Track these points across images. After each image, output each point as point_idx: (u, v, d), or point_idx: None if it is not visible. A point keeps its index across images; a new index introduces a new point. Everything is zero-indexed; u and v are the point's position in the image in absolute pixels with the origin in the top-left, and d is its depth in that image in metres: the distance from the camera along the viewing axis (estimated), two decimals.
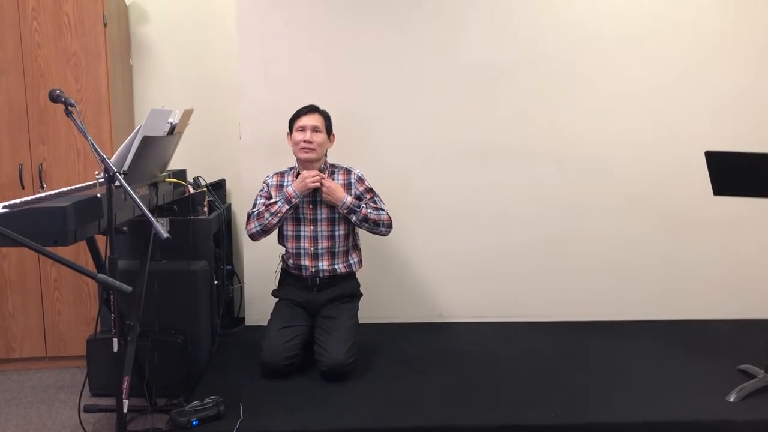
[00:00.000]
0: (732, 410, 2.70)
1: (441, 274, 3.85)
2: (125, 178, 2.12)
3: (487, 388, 2.92)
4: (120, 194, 2.24)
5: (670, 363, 3.21)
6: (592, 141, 3.78)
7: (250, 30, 3.65)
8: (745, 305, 3.80)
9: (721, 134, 3.73)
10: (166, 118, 2.68)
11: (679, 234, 3.85)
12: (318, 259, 3.15)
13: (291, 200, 3.08)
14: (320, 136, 3.12)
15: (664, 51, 3.73)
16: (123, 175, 2.12)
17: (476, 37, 3.70)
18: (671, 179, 3.80)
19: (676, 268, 3.87)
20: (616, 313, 3.87)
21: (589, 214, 3.83)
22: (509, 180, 3.80)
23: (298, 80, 3.66)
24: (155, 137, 2.54)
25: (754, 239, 3.69)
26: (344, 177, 3.21)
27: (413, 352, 3.36)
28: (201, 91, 3.82)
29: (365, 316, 3.37)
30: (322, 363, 2.98)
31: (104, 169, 2.10)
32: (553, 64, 3.73)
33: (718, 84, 3.76)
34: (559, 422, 2.61)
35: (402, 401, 2.79)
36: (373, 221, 3.12)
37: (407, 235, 3.77)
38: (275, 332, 3.06)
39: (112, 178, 2.09)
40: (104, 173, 2.11)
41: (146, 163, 2.53)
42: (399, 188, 3.70)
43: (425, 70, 3.71)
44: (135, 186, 2.35)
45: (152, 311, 2.82)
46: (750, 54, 3.75)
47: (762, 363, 2.90)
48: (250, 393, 2.84)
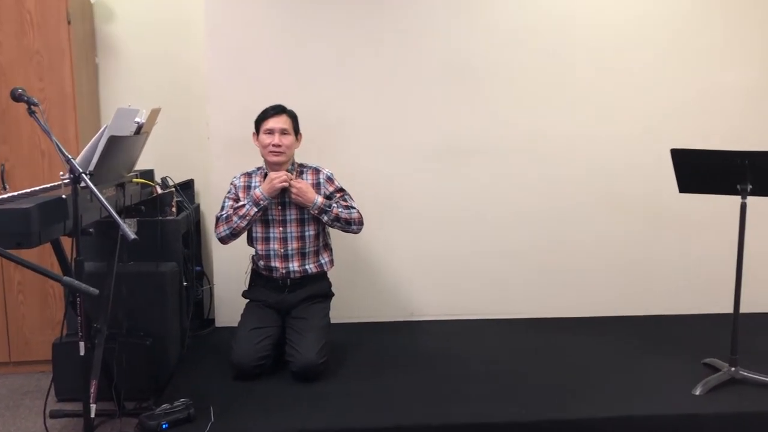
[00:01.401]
0: (698, 403, 2.76)
1: (412, 273, 3.86)
2: (91, 179, 2.08)
3: (459, 386, 2.93)
4: (86, 195, 2.20)
5: (638, 358, 3.26)
6: (564, 140, 3.82)
7: (218, 29, 3.61)
8: (710, 300, 3.87)
9: (695, 132, 3.79)
10: (132, 118, 2.65)
11: (647, 232, 3.92)
12: (288, 260, 3.14)
13: (259, 203, 3.05)
14: (289, 139, 3.09)
15: (639, 50, 3.79)
16: (89, 175, 2.09)
17: (448, 36, 3.71)
18: (642, 178, 3.86)
19: (643, 265, 3.94)
20: (586, 309, 3.92)
21: (561, 212, 3.87)
22: (481, 179, 3.82)
23: (268, 79, 3.64)
24: (122, 137, 2.51)
25: (719, 236, 3.76)
26: (313, 176, 3.19)
27: (385, 352, 3.36)
28: (168, 90, 3.78)
29: (337, 315, 3.36)
30: (293, 363, 2.96)
31: (69, 170, 2.07)
32: (527, 63, 3.76)
33: (693, 82, 3.83)
34: (530, 419, 2.63)
35: (374, 401, 2.78)
36: (344, 220, 3.12)
37: (379, 234, 3.77)
38: (246, 333, 3.03)
39: (78, 178, 2.06)
40: (69, 174, 2.08)
41: (113, 163, 2.50)
42: (370, 188, 3.70)
43: (396, 70, 3.71)
44: (101, 187, 2.32)
45: (120, 313, 2.79)
46: (725, 51, 3.83)
47: (726, 356, 2.96)
48: (220, 395, 2.82)
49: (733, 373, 2.91)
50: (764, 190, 2.83)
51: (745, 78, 3.85)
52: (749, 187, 2.80)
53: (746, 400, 2.76)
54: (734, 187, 2.84)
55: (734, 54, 3.84)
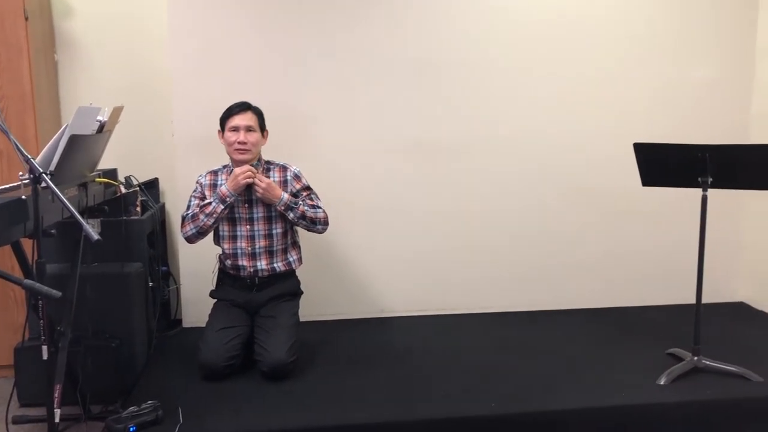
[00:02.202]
0: (662, 393, 2.81)
1: (381, 270, 3.86)
2: (52, 179, 2.04)
3: (430, 382, 2.94)
4: (47, 195, 2.16)
5: (604, 350, 3.31)
6: (528, 135, 3.85)
7: (182, 24, 3.56)
8: (673, 291, 3.95)
9: (657, 127, 3.85)
10: (94, 116, 2.60)
11: (611, 225, 3.98)
12: (256, 258, 3.11)
13: (225, 200, 3.02)
14: (254, 136, 3.07)
15: (597, 45, 3.84)
16: (49, 175, 2.04)
17: (414, 32, 3.71)
18: (605, 172, 3.91)
19: (608, 258, 4.00)
20: (552, 303, 3.97)
21: (528, 208, 3.91)
22: (447, 175, 3.83)
23: (232, 76, 3.60)
24: (83, 136, 2.47)
25: (681, 228, 3.84)
26: (280, 174, 3.17)
27: (355, 349, 3.36)
28: (131, 87, 3.71)
29: (306, 314, 3.35)
30: (262, 363, 2.94)
31: (29, 170, 2.03)
32: (491, 59, 3.77)
33: (650, 77, 3.89)
34: (500, 412, 2.65)
35: (345, 398, 2.78)
36: (310, 219, 3.10)
37: (347, 231, 3.76)
38: (214, 333, 3.00)
39: (38, 178, 2.02)
40: (29, 174, 2.03)
41: (74, 162, 2.45)
42: (338, 185, 3.69)
43: (365, 67, 3.70)
44: (63, 187, 2.27)
45: (85, 316, 2.74)
46: (679, 47, 3.90)
47: (689, 346, 3.03)
48: (189, 396, 2.78)
49: (696, 363, 2.97)
50: (724, 183, 2.90)
51: (704, 74, 3.93)
52: (710, 180, 2.87)
53: (709, 389, 2.83)
54: (695, 179, 2.90)
55: (693, 51, 3.92)
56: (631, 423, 2.71)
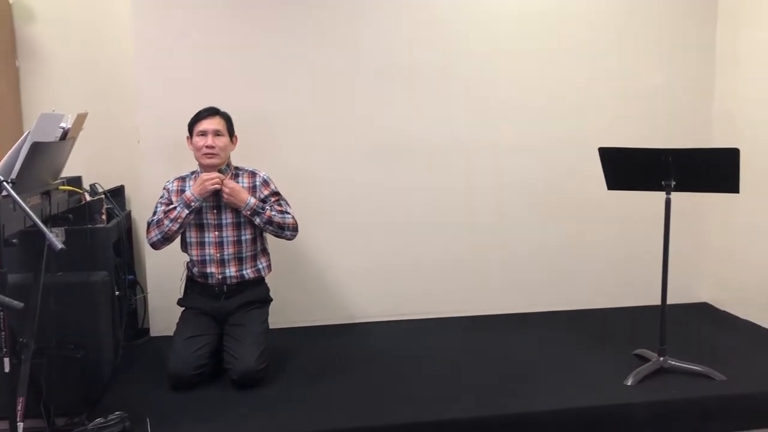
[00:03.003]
0: (630, 393, 2.85)
1: (352, 276, 3.86)
2: (14, 187, 2.01)
3: (400, 387, 2.94)
4: (8, 204, 2.11)
5: (572, 352, 3.36)
6: (496, 143, 3.89)
7: (146, 29, 3.52)
8: (639, 293, 4.01)
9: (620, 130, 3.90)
10: (57, 123, 2.55)
11: (578, 228, 4.04)
12: (225, 265, 3.08)
13: (190, 204, 2.99)
14: (222, 140, 3.05)
15: (563, 54, 3.90)
16: (11, 183, 2.01)
17: (379, 37, 3.72)
18: (571, 176, 3.97)
19: (574, 261, 4.05)
20: (520, 306, 4.01)
21: (496, 212, 3.94)
22: (417, 181, 3.85)
23: (199, 81, 3.57)
24: (46, 143, 2.42)
25: (645, 231, 3.90)
26: (249, 180, 3.15)
27: (326, 355, 3.35)
28: (95, 93, 3.66)
29: (276, 321, 3.33)
30: (232, 371, 2.91)
31: None
32: (464, 66, 3.81)
33: (615, 83, 3.97)
34: (471, 415, 2.67)
35: (316, 405, 2.77)
36: (277, 224, 3.07)
37: (316, 236, 3.75)
38: (182, 342, 2.97)
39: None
40: None
41: (37, 170, 2.40)
42: (306, 190, 3.68)
43: (328, 71, 3.70)
44: (25, 195, 2.23)
45: (49, 326, 2.68)
46: (643, 55, 3.98)
47: (655, 347, 3.08)
48: (157, 406, 2.74)
49: (662, 363, 3.02)
50: (687, 186, 2.96)
51: (667, 80, 4.01)
52: (673, 183, 2.92)
53: (675, 388, 2.88)
54: (659, 183, 2.95)
55: (657, 58, 4.00)
56: (600, 424, 2.74)
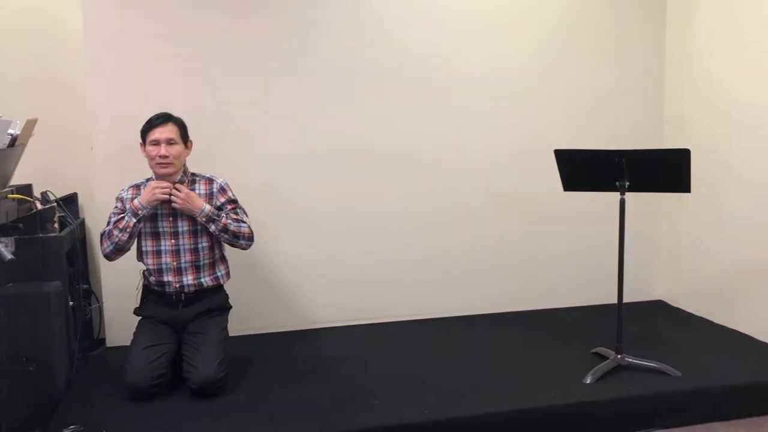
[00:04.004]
0: (588, 391, 2.90)
1: (310, 281, 3.84)
2: None
3: (363, 392, 2.93)
4: None
5: (531, 352, 3.39)
6: (453, 143, 3.91)
7: (98, 32, 3.44)
8: (596, 292, 4.08)
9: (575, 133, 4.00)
10: (5, 129, 2.50)
11: (536, 230, 4.09)
12: (182, 273, 3.04)
13: (138, 213, 2.93)
14: (176, 149, 2.98)
15: (517, 56, 3.95)
16: None
17: (338, 40, 3.72)
18: (528, 178, 4.02)
19: (532, 262, 4.11)
20: (481, 306, 4.04)
21: (454, 214, 3.97)
22: (374, 183, 3.85)
23: (154, 86, 3.51)
24: None
25: (601, 232, 3.97)
26: (206, 187, 3.10)
27: (287, 362, 3.32)
28: (46, 99, 3.57)
29: (236, 328, 3.29)
30: (191, 380, 2.87)
31: None
32: (415, 67, 3.82)
33: (569, 86, 4.03)
34: (433, 419, 2.67)
35: (279, 412, 2.74)
36: (232, 233, 3.03)
37: (275, 243, 3.73)
38: (139, 352, 2.91)
39: None
40: None
41: None
42: (264, 195, 3.66)
43: (287, 75, 3.67)
44: None
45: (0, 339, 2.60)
46: (596, 59, 4.06)
47: (613, 345, 3.13)
48: (115, 418, 2.69)
49: (620, 360, 3.08)
50: (641, 186, 3.02)
51: (620, 83, 4.10)
52: (627, 184, 2.98)
53: (632, 385, 2.93)
54: (613, 184, 3.01)
55: (609, 62, 4.08)
56: (560, 422, 2.78)
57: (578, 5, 4.00)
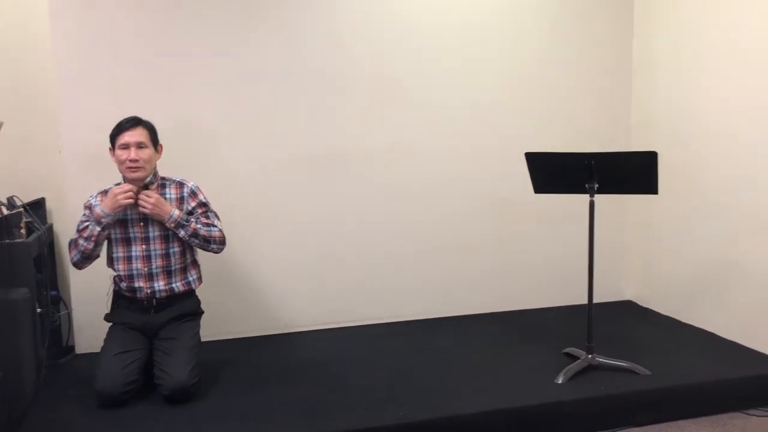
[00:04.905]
0: (560, 391, 2.93)
1: (284, 285, 3.82)
2: None
3: (337, 395, 2.93)
4: None
5: (503, 352, 3.42)
6: (428, 147, 3.93)
7: (66, 35, 3.40)
8: (567, 293, 4.13)
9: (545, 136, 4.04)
10: None
11: (508, 231, 4.13)
12: (153, 279, 3.00)
13: (101, 221, 2.88)
14: (146, 152, 2.94)
15: (490, 61, 3.98)
16: None
17: (313, 44, 3.71)
18: (500, 181, 4.05)
19: (503, 263, 4.14)
20: (454, 308, 4.06)
21: (429, 216, 3.99)
22: (350, 187, 3.85)
23: (124, 88, 3.47)
24: None
25: (571, 233, 4.02)
26: (177, 191, 3.07)
27: (260, 367, 3.30)
28: (11, 100, 3.49)
29: (208, 333, 3.26)
30: (163, 387, 2.84)
31: None
32: (396, 72, 3.84)
33: (540, 90, 4.08)
34: (408, 420, 2.67)
35: (253, 417, 2.72)
36: (203, 237, 3.00)
37: (247, 246, 3.71)
38: (110, 358, 2.87)
39: None
40: None
41: None
42: (237, 199, 3.64)
43: (261, 77, 3.66)
44: None
45: None
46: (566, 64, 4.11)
47: (584, 345, 3.17)
48: (85, 426, 2.65)
49: (590, 360, 3.12)
50: (609, 188, 3.07)
51: (584, 85, 4.16)
52: (596, 186, 3.02)
53: (603, 384, 2.97)
54: (583, 186, 3.05)
55: (580, 67, 4.14)
56: (532, 423, 2.80)
57: (545, 8, 4.05)
